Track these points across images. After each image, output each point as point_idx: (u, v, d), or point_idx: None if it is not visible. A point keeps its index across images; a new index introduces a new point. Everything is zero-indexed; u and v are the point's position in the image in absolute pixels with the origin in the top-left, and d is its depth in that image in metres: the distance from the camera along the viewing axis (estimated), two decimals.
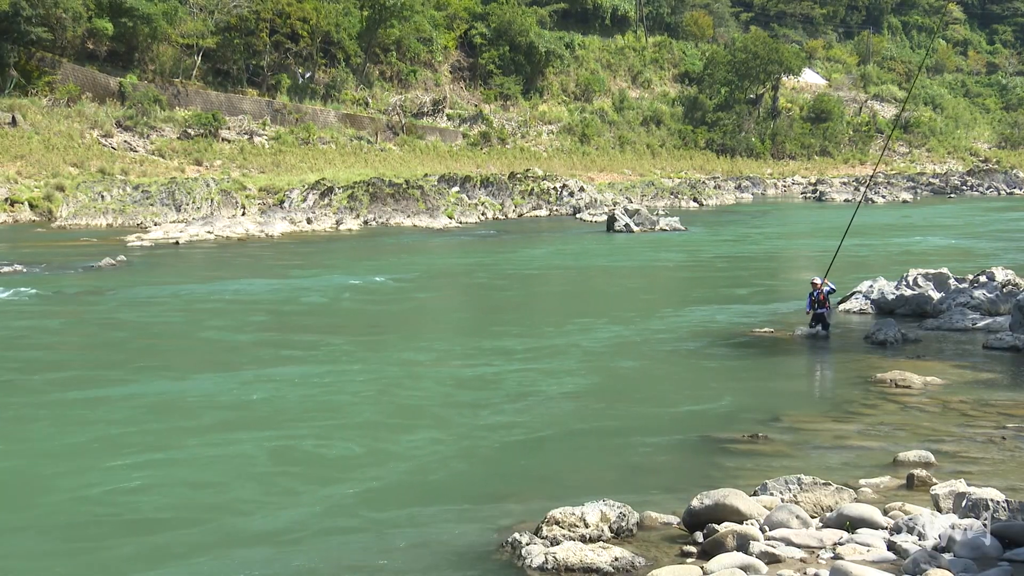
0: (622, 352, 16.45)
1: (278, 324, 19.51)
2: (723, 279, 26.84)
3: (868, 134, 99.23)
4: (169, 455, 10.97)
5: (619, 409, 12.83)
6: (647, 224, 41.73)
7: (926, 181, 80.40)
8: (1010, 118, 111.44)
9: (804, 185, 78.73)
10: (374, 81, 76.10)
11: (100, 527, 8.99)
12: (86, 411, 12.73)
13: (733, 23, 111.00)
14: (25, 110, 55.72)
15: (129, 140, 58.35)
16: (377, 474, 10.36)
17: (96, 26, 60.45)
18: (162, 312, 20.68)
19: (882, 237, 38.79)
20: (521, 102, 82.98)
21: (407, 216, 44.77)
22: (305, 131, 65.15)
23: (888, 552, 7.52)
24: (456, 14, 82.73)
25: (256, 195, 47.26)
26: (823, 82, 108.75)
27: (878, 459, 10.45)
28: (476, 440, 11.52)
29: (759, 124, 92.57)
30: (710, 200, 63.52)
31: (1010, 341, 16.42)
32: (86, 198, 43.73)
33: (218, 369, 15.24)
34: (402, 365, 15.49)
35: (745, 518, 8.24)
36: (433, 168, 61.79)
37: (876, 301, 20.85)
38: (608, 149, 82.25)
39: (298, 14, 67.22)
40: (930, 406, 12.71)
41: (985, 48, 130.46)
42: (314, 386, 14.13)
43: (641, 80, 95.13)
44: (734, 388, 14.10)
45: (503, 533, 8.45)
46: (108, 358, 16.17)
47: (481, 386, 14.18)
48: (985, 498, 7.98)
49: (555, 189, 54.17)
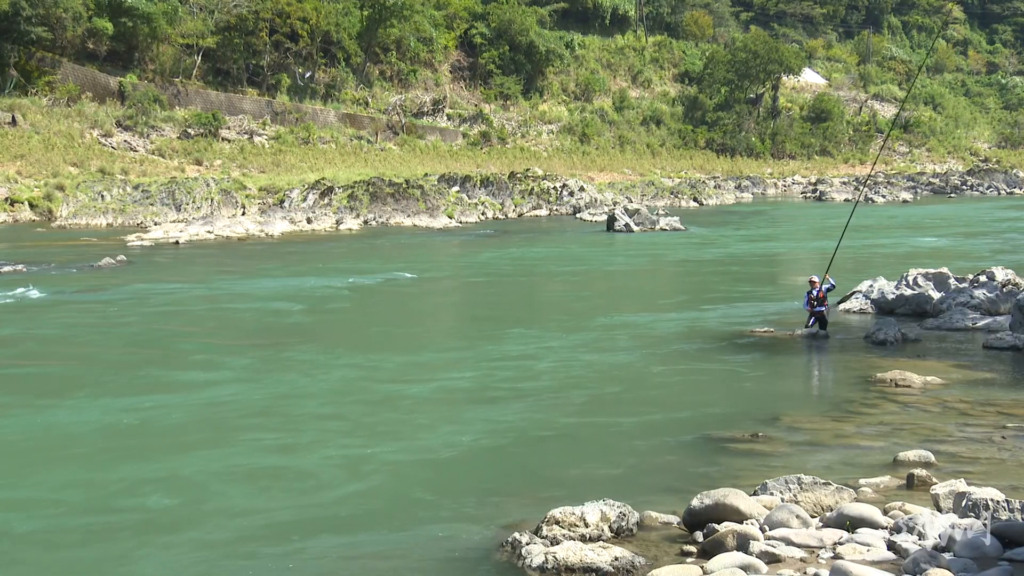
0: (621, 351, 16.44)
1: (276, 324, 19.51)
2: (723, 279, 26.83)
3: (868, 134, 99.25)
4: (166, 455, 10.97)
5: (618, 408, 12.83)
6: (647, 224, 41.73)
7: (926, 181, 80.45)
8: (1010, 118, 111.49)
9: (804, 185, 78.73)
10: (374, 81, 76.08)
11: (95, 529, 8.99)
12: (82, 411, 12.73)
13: (733, 23, 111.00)
14: (25, 110, 55.71)
15: (129, 140, 58.34)
16: (377, 474, 10.35)
17: (96, 26, 60.42)
18: (161, 312, 20.67)
19: (880, 237, 38.78)
20: (521, 102, 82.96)
21: (407, 216, 44.77)
22: (305, 131, 65.15)
23: (888, 552, 7.53)
24: (456, 14, 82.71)
25: (256, 195, 47.26)
26: (823, 82, 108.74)
27: (878, 459, 10.45)
28: (475, 440, 11.52)
29: (759, 124, 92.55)
30: (710, 200, 63.51)
31: (1010, 341, 16.43)
32: (86, 198, 43.74)
33: (216, 370, 15.23)
34: (401, 365, 15.48)
35: (745, 518, 8.25)
36: (433, 168, 61.77)
37: (876, 301, 20.85)
38: (608, 149, 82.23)
39: (298, 14, 67.21)
40: (930, 406, 12.70)
41: (985, 48, 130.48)
42: (312, 386, 14.13)
43: (641, 80, 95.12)
44: (734, 388, 14.10)
45: (503, 533, 8.45)
46: (107, 358, 16.17)
47: (481, 386, 14.17)
48: (985, 498, 7.99)
49: (555, 189, 54.17)
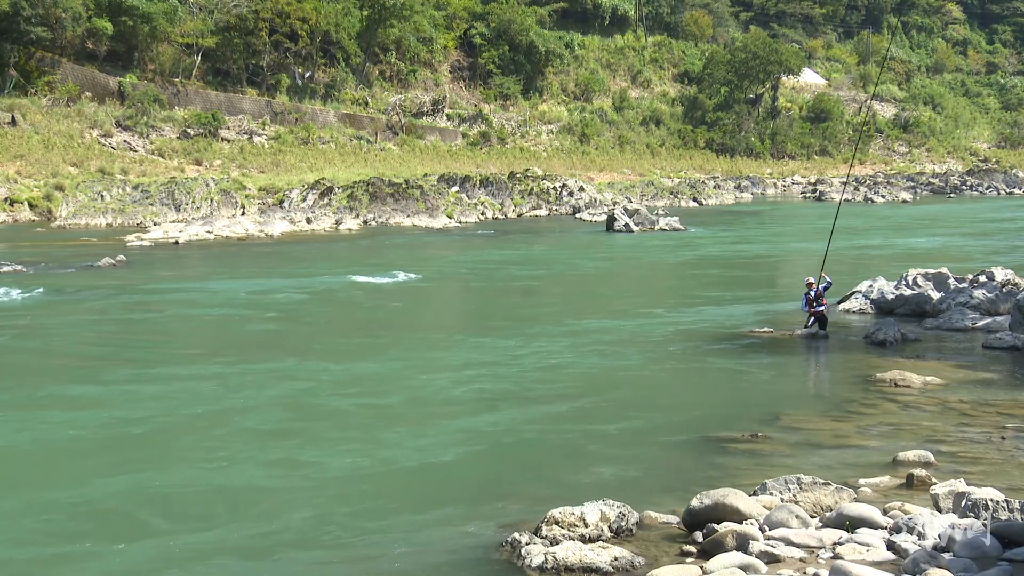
0: (621, 352, 16.44)
1: (277, 323, 19.50)
2: (723, 279, 26.83)
3: (868, 133, 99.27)
4: (162, 455, 10.97)
5: (617, 408, 12.83)
6: (647, 224, 41.73)
7: (926, 181, 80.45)
8: (1009, 118, 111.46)
9: (804, 185, 78.73)
10: (374, 81, 76.06)
11: (89, 528, 8.99)
12: (78, 411, 12.72)
13: (733, 23, 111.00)
14: (25, 110, 55.71)
15: (129, 140, 58.32)
16: (376, 474, 10.35)
17: (96, 26, 60.40)
18: (161, 311, 20.67)
19: (878, 237, 38.79)
20: (521, 102, 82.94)
21: (407, 216, 44.76)
22: (305, 131, 65.14)
23: (888, 552, 7.53)
24: (456, 14, 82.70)
25: (256, 195, 47.25)
26: (823, 82, 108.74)
27: (878, 459, 10.45)
28: (475, 440, 11.52)
29: (759, 124, 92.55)
30: (710, 200, 63.51)
31: (1009, 341, 16.43)
32: (86, 198, 43.72)
33: (213, 370, 15.22)
34: (399, 366, 15.48)
35: (745, 518, 8.25)
36: (433, 168, 61.76)
37: (876, 301, 20.85)
38: (608, 149, 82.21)
39: (298, 14, 67.20)
40: (929, 406, 12.71)
41: (985, 48, 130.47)
42: (310, 386, 14.12)
43: (641, 80, 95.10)
44: (734, 388, 14.10)
45: (503, 532, 8.45)
46: (104, 357, 16.15)
47: (480, 386, 14.17)
48: (985, 498, 7.99)
49: (555, 189, 54.15)
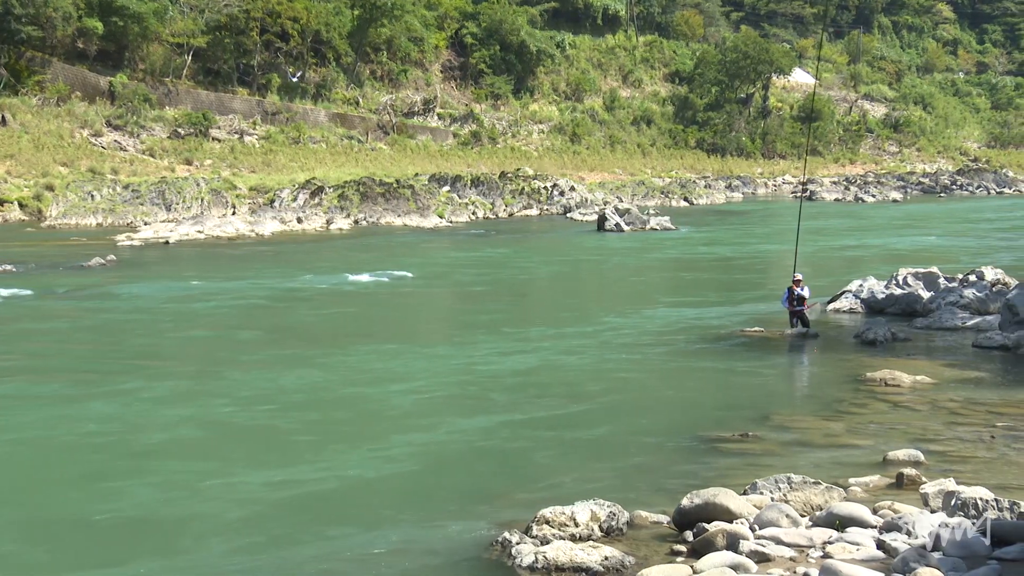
0: (611, 352, 16.45)
1: (267, 325, 19.46)
2: (713, 278, 26.87)
3: (858, 133, 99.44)
4: (157, 454, 10.94)
5: (608, 408, 12.84)
6: (637, 223, 41.75)
7: (916, 180, 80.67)
8: (1000, 117, 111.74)
9: (794, 184, 78.83)
10: (365, 80, 75.92)
11: (83, 528, 8.97)
12: (73, 410, 12.69)
13: (724, 22, 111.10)
14: (15, 109, 55.47)
15: (119, 139, 58.13)
16: (368, 473, 10.34)
17: (86, 25, 60.17)
18: (150, 312, 20.60)
19: (868, 237, 38.87)
20: (512, 101, 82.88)
21: (398, 215, 44.71)
22: (295, 130, 64.99)
23: (878, 551, 7.54)
24: (447, 13, 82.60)
25: (246, 194, 47.15)
26: (813, 81, 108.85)
27: (868, 458, 10.47)
28: (466, 440, 11.52)
29: (749, 123, 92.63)
30: (700, 199, 63.57)
31: (999, 340, 16.48)
32: (76, 197, 43.57)
33: (207, 369, 15.19)
34: (393, 366, 15.47)
35: (735, 517, 8.25)
36: (424, 167, 61.68)
37: (866, 300, 20.89)
38: (599, 148, 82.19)
39: (289, 13, 67.04)
40: (919, 405, 12.74)
41: (975, 47, 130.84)
42: (302, 387, 14.10)
43: (632, 79, 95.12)
44: (724, 387, 14.12)
45: (493, 532, 8.45)
46: (95, 357, 16.11)
47: (471, 386, 14.17)
48: (974, 497, 8.01)
49: (545, 188, 54.14)
